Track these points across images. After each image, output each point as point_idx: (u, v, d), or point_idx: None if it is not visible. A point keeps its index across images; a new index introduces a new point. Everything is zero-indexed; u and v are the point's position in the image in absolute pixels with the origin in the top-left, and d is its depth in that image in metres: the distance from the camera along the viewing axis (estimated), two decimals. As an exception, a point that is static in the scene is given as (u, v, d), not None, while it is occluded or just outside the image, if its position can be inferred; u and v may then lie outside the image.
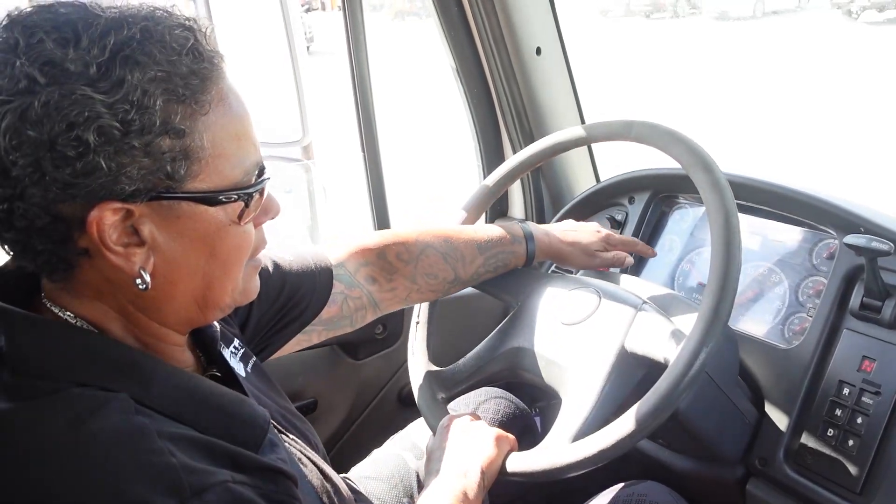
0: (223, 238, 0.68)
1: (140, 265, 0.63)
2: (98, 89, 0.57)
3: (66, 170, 0.57)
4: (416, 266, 1.11)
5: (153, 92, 0.59)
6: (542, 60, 1.65)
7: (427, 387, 1.18)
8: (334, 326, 1.08)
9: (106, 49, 0.58)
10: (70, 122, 0.56)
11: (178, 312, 0.70)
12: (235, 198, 0.67)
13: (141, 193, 0.61)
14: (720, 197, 0.95)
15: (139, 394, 0.63)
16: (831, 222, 1.23)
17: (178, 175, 0.62)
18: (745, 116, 6.48)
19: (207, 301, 0.70)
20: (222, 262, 0.69)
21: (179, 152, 0.62)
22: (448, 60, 1.69)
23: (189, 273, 0.67)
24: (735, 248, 0.92)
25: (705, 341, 0.89)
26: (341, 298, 1.06)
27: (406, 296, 1.13)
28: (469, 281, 1.18)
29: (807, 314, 1.25)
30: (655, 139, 1.06)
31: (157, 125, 0.60)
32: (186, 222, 0.65)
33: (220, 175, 0.65)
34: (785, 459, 1.17)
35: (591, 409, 0.98)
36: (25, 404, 0.61)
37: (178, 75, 0.61)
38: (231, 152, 0.66)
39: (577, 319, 1.10)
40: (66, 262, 0.63)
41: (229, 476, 0.62)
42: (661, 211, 1.54)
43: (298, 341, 1.06)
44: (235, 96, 0.67)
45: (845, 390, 1.13)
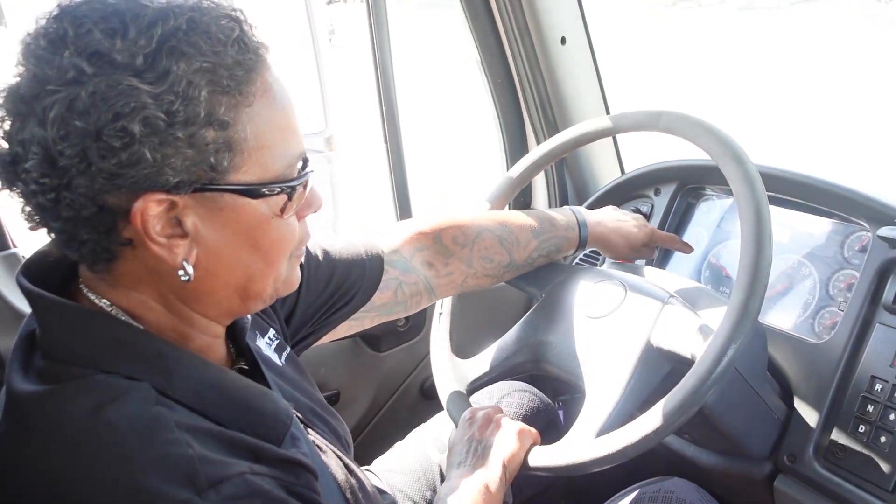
0: (266, 230, 0.67)
1: (183, 257, 0.64)
2: (144, 80, 0.57)
3: (112, 160, 0.58)
4: (472, 249, 1.11)
5: (198, 83, 0.59)
6: (566, 50, 1.63)
7: (449, 379, 1.17)
8: (388, 312, 1.08)
9: (153, 39, 0.58)
10: (116, 113, 0.57)
11: (220, 304, 0.70)
12: (279, 190, 0.66)
13: (185, 185, 0.61)
14: (751, 189, 0.93)
15: (162, 384, 0.64)
16: (864, 214, 1.20)
17: (222, 167, 0.62)
18: (774, 107, 6.38)
19: (249, 293, 0.71)
20: (265, 254, 0.69)
21: (223, 144, 0.62)
22: (472, 51, 1.68)
23: (231, 265, 0.67)
24: (766, 242, 0.90)
25: (734, 337, 0.87)
26: (395, 284, 1.06)
27: (462, 280, 1.12)
28: (523, 266, 1.17)
29: (838, 308, 1.23)
30: (685, 130, 1.04)
31: (202, 116, 0.60)
32: (230, 214, 0.65)
33: (263, 167, 0.65)
34: (815, 456, 1.15)
35: (615, 404, 0.97)
36: (51, 388, 0.62)
37: (223, 66, 0.61)
38: (275, 144, 0.65)
39: (603, 313, 1.09)
40: (109, 251, 0.64)
41: (248, 467, 0.62)
42: (688, 203, 1.51)
43: (350, 326, 1.06)
44: (280, 87, 0.67)
45: (877, 386, 1.11)
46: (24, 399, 0.62)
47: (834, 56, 7.58)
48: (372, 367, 1.64)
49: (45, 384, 0.62)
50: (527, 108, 1.72)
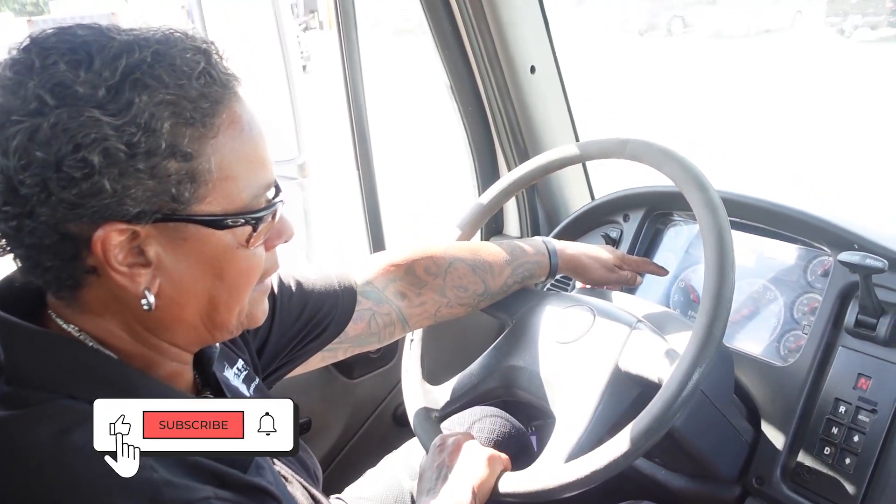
0: (230, 261, 0.67)
1: (145, 286, 0.64)
2: (106, 111, 0.58)
3: (73, 190, 0.58)
4: (444, 279, 1.12)
5: (161, 115, 0.60)
6: (536, 78, 1.65)
7: (420, 405, 1.17)
8: (361, 343, 1.08)
9: (116, 72, 0.59)
10: (77, 144, 0.57)
11: (187, 332, 0.70)
12: (243, 222, 0.66)
13: (146, 215, 0.61)
14: (714, 216, 0.95)
15: None
16: (825, 239, 1.23)
17: (184, 198, 0.62)
18: (739, 133, 6.51)
19: (215, 322, 0.71)
20: (229, 285, 0.69)
21: (186, 175, 0.62)
22: (443, 78, 1.70)
23: (195, 295, 0.68)
24: (728, 267, 0.91)
25: (699, 361, 0.88)
26: (369, 315, 1.06)
27: (435, 310, 1.13)
28: (498, 293, 1.18)
29: (802, 331, 1.25)
30: (650, 157, 1.06)
31: (164, 148, 0.60)
32: (193, 245, 0.65)
33: (228, 198, 0.65)
34: (782, 478, 1.16)
35: (584, 428, 0.98)
36: (15, 413, 0.61)
37: (187, 98, 0.61)
38: (240, 175, 0.66)
39: (572, 338, 1.09)
40: (73, 279, 0.64)
41: (212, 492, 0.62)
42: (656, 228, 1.53)
43: (323, 357, 1.06)
44: (249, 118, 0.67)
45: (841, 408, 1.13)
46: None
47: (798, 83, 7.76)
48: (344, 394, 1.63)
49: (10, 409, 0.62)
50: (497, 135, 1.74)
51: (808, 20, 10.38)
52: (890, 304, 1.13)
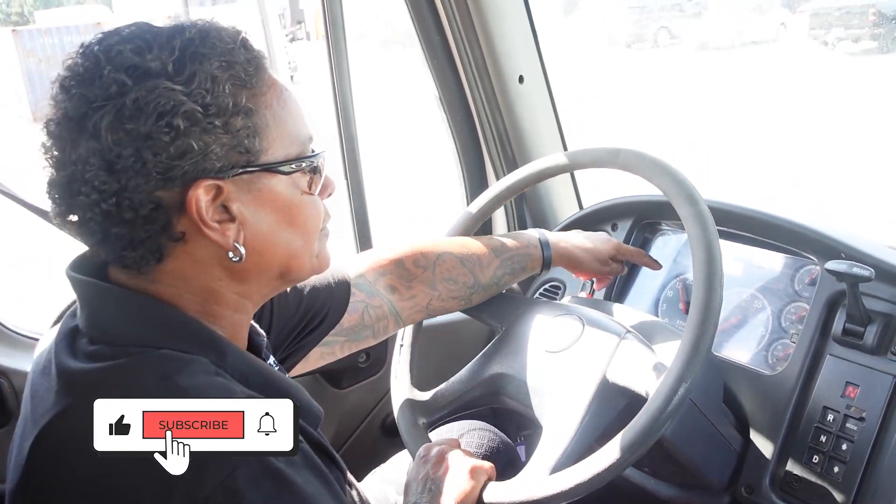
0: (299, 207, 0.76)
1: (234, 238, 0.71)
2: (177, 82, 0.66)
3: (163, 154, 0.66)
4: (434, 272, 1.14)
5: (221, 78, 0.68)
6: (524, 88, 1.66)
7: (409, 411, 1.17)
8: (356, 337, 1.11)
9: (175, 49, 0.67)
10: (160, 112, 0.65)
11: (266, 283, 0.78)
12: (305, 165, 0.75)
13: (227, 169, 0.69)
14: (703, 230, 0.95)
15: (217, 360, 0.71)
16: (812, 248, 1.23)
17: (254, 149, 0.71)
18: (727, 144, 6.55)
19: (291, 268, 0.78)
20: (301, 230, 0.77)
21: (251, 129, 0.70)
22: (431, 88, 1.70)
23: (275, 243, 0.75)
24: (716, 282, 0.92)
25: (685, 376, 0.89)
26: (362, 307, 1.10)
27: (427, 303, 1.15)
28: (490, 286, 1.19)
29: (790, 340, 1.25)
30: (642, 168, 1.07)
31: (230, 106, 0.69)
32: (267, 195, 0.73)
33: (285, 148, 0.74)
34: (771, 487, 1.16)
35: (570, 439, 0.98)
36: (114, 363, 0.67)
37: (237, 63, 0.70)
38: (289, 128, 0.75)
39: (561, 347, 1.09)
40: (161, 250, 0.70)
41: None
42: (644, 237, 1.54)
43: (321, 354, 1.09)
44: (282, 83, 0.76)
45: (830, 416, 1.13)
46: (86, 375, 0.67)
47: (784, 94, 7.83)
48: (332, 404, 1.61)
49: (103, 362, 0.67)
50: (486, 145, 1.75)
51: (792, 32, 10.49)
52: (877, 313, 1.13)
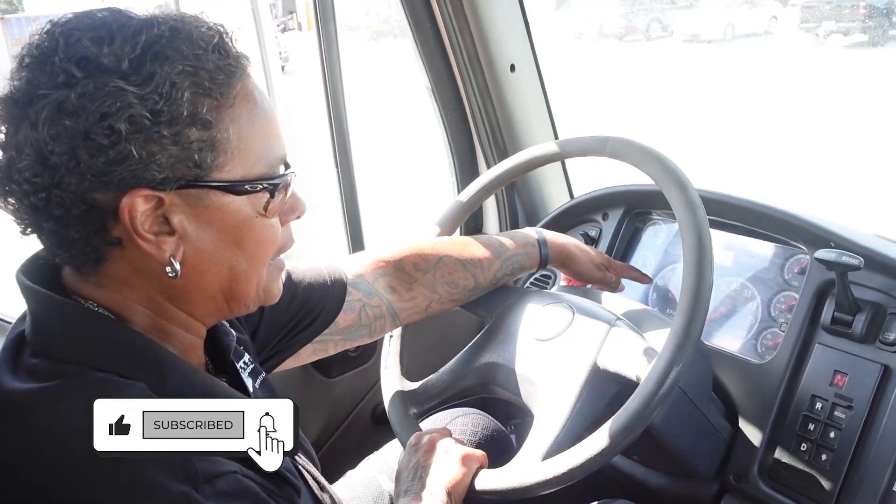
0: (250, 230, 0.70)
1: (170, 253, 0.66)
2: (130, 82, 0.61)
3: (100, 158, 0.61)
4: (434, 275, 1.12)
5: (181, 84, 0.63)
6: (516, 77, 1.65)
7: (399, 401, 1.17)
8: (352, 335, 1.09)
9: (137, 46, 0.62)
10: (103, 113, 0.60)
11: (206, 303, 0.73)
12: (261, 188, 0.69)
13: (170, 181, 0.64)
14: (693, 215, 0.95)
15: (155, 385, 0.66)
16: (802, 237, 1.24)
17: (206, 164, 0.66)
18: (717, 134, 6.57)
19: (234, 294, 0.73)
20: (249, 254, 0.72)
21: (206, 143, 0.65)
22: (423, 78, 1.69)
23: (217, 263, 0.70)
24: (707, 266, 0.92)
25: (676, 360, 0.89)
26: (359, 306, 1.08)
27: (426, 306, 1.14)
28: (488, 287, 1.18)
29: (779, 329, 1.26)
30: (630, 156, 1.06)
31: (185, 115, 0.63)
32: (215, 212, 0.68)
33: (245, 167, 0.68)
34: (759, 475, 1.17)
35: (562, 426, 0.98)
36: (45, 386, 0.63)
37: (204, 70, 0.65)
38: (256, 146, 0.69)
39: (551, 335, 1.09)
40: (98, 252, 0.66)
41: (238, 468, 0.65)
42: (635, 227, 1.54)
43: (314, 350, 1.07)
44: (261, 94, 0.71)
45: (818, 405, 1.14)
46: (16, 398, 0.64)
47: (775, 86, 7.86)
48: (322, 393, 1.61)
49: (38, 382, 0.64)
50: (477, 134, 1.74)
51: (784, 25, 10.52)
52: (865, 302, 1.14)
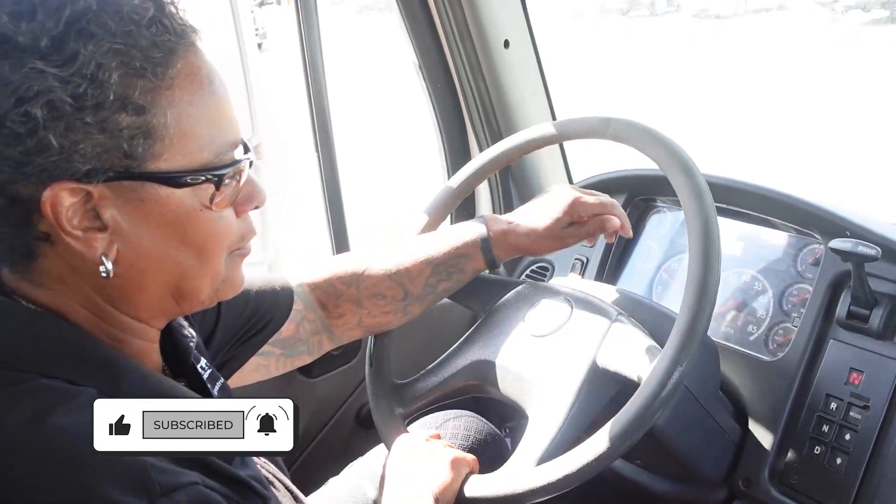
0: (194, 224, 0.67)
1: (101, 251, 0.64)
2: (50, 63, 0.58)
3: (17, 147, 0.58)
4: (358, 288, 1.11)
5: (108, 65, 0.60)
6: (510, 54, 1.64)
7: (385, 401, 1.16)
8: (292, 352, 1.09)
9: (60, 21, 0.59)
10: (19, 98, 0.57)
11: (151, 304, 0.70)
12: (203, 179, 0.66)
13: (97, 173, 0.61)
14: (699, 203, 0.95)
15: (107, 389, 0.64)
16: (816, 226, 1.24)
17: (138, 154, 0.62)
18: (727, 116, 6.57)
19: (183, 292, 0.71)
20: (197, 250, 0.69)
21: (139, 129, 0.62)
22: (410, 55, 1.68)
23: (158, 260, 0.68)
24: (714, 258, 0.91)
25: (680, 359, 0.88)
26: (300, 317, 1.08)
27: (357, 322, 1.13)
28: (424, 296, 1.15)
29: (792, 324, 1.26)
30: (633, 138, 1.06)
31: (113, 100, 0.60)
32: (152, 206, 0.65)
33: (187, 156, 0.65)
34: (770, 480, 1.17)
35: (557, 429, 0.98)
36: None
37: (136, 48, 0.61)
38: (200, 131, 0.66)
39: (548, 331, 1.09)
40: (26, 248, 0.64)
41: (199, 478, 0.63)
42: (638, 215, 1.54)
43: (256, 366, 1.06)
44: (209, 72, 0.67)
45: (832, 405, 1.14)
46: None
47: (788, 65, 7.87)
48: (303, 394, 1.60)
49: None
50: (469, 115, 1.73)
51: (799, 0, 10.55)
52: (883, 295, 1.14)
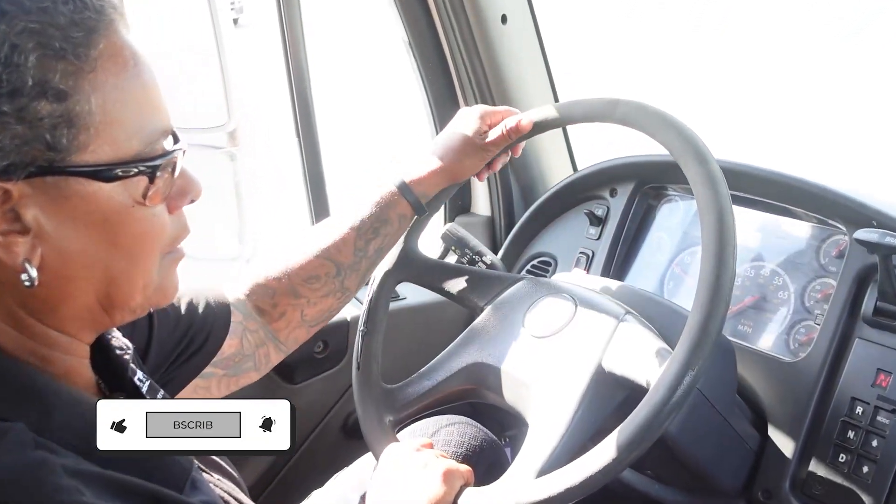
0: (125, 223, 0.66)
1: (24, 257, 0.62)
2: None
3: None
4: (290, 277, 1.10)
5: (24, 46, 0.58)
6: (507, 30, 1.64)
7: (373, 408, 1.17)
8: (237, 370, 1.08)
9: None
10: None
11: (79, 315, 0.69)
12: (136, 171, 0.65)
13: (17, 169, 0.59)
14: (713, 192, 0.94)
15: (38, 423, 0.62)
16: (840, 216, 1.25)
17: (62, 145, 0.61)
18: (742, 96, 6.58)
19: (113, 300, 0.69)
20: (128, 252, 0.68)
21: (61, 118, 0.60)
22: (398, 30, 1.68)
23: (86, 266, 0.66)
24: (729, 252, 0.92)
25: (691, 362, 0.88)
26: (241, 330, 1.07)
27: (300, 317, 1.12)
28: (356, 263, 1.13)
29: (814, 322, 1.27)
30: (643, 122, 1.06)
31: (31, 85, 0.58)
32: (78, 203, 0.63)
33: (115, 145, 0.64)
34: (791, 490, 1.18)
35: (560, 437, 0.98)
36: None
37: (54, 26, 0.59)
38: (128, 118, 0.64)
39: (549, 332, 1.10)
40: None
41: None
42: (648, 204, 1.54)
43: (195, 388, 1.04)
44: (133, 53, 0.66)
45: (858, 409, 1.15)
46: None
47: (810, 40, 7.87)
48: (284, 401, 1.61)
49: None
50: (463, 96, 1.74)
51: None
52: (913, 290, 1.15)
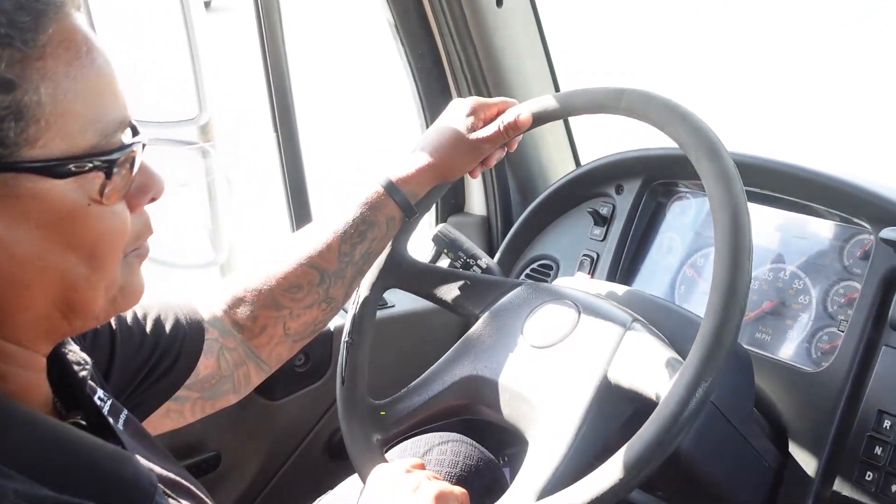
0: (83, 222, 0.66)
1: None
2: None
3: None
4: (271, 287, 1.10)
5: None
6: (503, 14, 1.64)
7: (359, 425, 1.16)
8: (214, 392, 1.07)
9: None
10: None
11: (36, 324, 0.68)
12: (90, 167, 0.65)
13: None
14: (727, 190, 0.94)
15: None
16: (865, 213, 1.24)
17: (9, 139, 0.60)
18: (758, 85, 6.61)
19: (73, 306, 0.69)
20: (87, 254, 0.67)
21: (8, 110, 0.60)
22: (384, 14, 1.67)
23: (42, 271, 0.65)
24: (743, 254, 0.91)
25: (704, 374, 0.88)
26: (217, 347, 1.06)
27: (282, 330, 1.11)
28: (342, 270, 1.13)
29: (838, 329, 1.26)
30: (651, 113, 1.06)
31: None
32: (29, 203, 0.62)
33: (68, 138, 0.63)
34: (815, 512, 1.18)
35: (562, 456, 0.98)
36: None
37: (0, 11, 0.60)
38: (81, 109, 0.64)
39: (551, 341, 1.09)
40: None
41: None
42: (658, 202, 1.54)
43: (167, 412, 1.04)
44: (85, 39, 0.65)
45: (886, 423, 1.14)
46: None
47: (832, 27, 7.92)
48: (263, 419, 1.60)
49: None
50: (456, 86, 1.74)
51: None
52: (944, 293, 1.15)
